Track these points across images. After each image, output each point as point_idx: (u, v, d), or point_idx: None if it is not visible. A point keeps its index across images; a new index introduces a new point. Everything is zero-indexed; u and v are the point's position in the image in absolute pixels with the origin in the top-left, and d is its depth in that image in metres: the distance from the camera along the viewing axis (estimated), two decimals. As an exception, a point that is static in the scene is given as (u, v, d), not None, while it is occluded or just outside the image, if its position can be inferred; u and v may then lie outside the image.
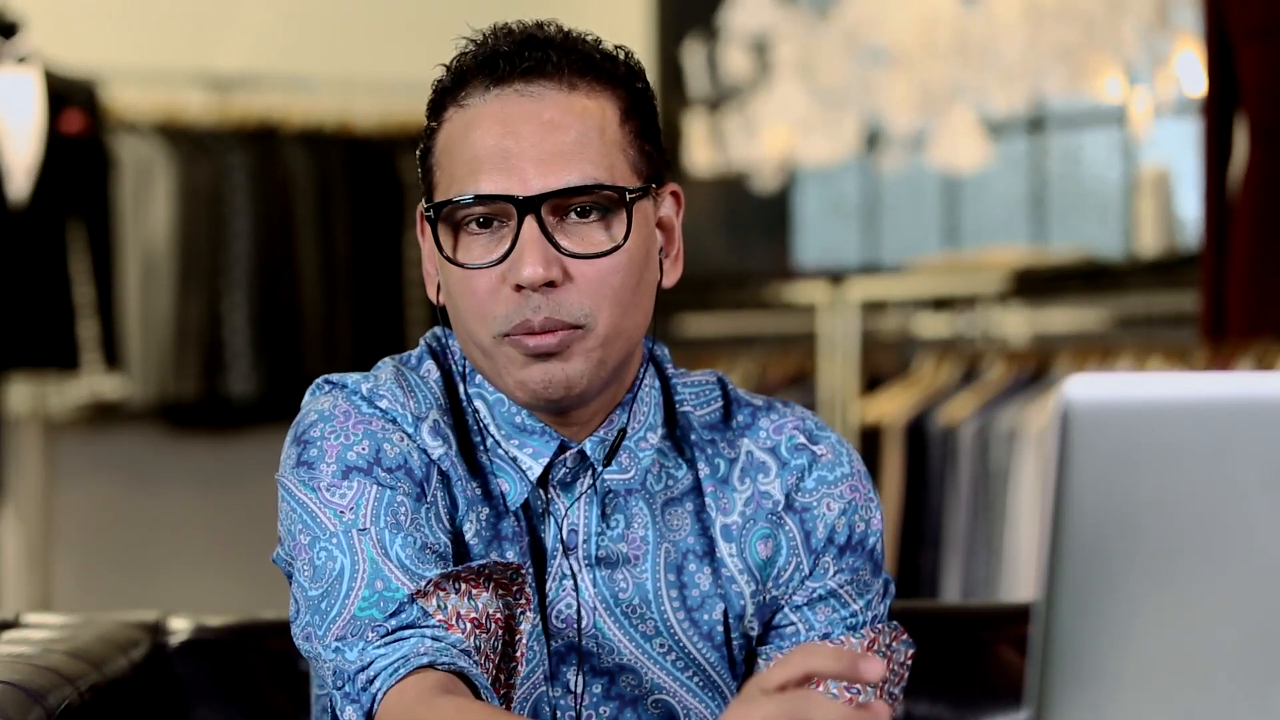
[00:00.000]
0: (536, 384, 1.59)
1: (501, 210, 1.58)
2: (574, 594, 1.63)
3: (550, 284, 1.57)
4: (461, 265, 1.59)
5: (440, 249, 1.60)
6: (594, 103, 1.59)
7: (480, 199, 1.58)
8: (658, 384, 1.70)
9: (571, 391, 1.60)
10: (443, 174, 1.61)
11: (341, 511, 1.57)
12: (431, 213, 1.61)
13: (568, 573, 1.64)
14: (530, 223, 1.57)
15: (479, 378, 1.66)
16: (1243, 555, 1.07)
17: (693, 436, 1.70)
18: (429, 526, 1.58)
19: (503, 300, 1.58)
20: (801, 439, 1.70)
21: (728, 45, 5.64)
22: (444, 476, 1.62)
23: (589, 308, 1.58)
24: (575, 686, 1.64)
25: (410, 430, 1.62)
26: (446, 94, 1.62)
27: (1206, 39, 4.14)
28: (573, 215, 1.58)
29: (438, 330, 1.71)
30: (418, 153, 1.66)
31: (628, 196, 1.59)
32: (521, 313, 1.57)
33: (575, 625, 1.63)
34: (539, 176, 1.57)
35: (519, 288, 1.57)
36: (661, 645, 1.65)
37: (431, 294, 1.68)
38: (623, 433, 1.64)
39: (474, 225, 1.59)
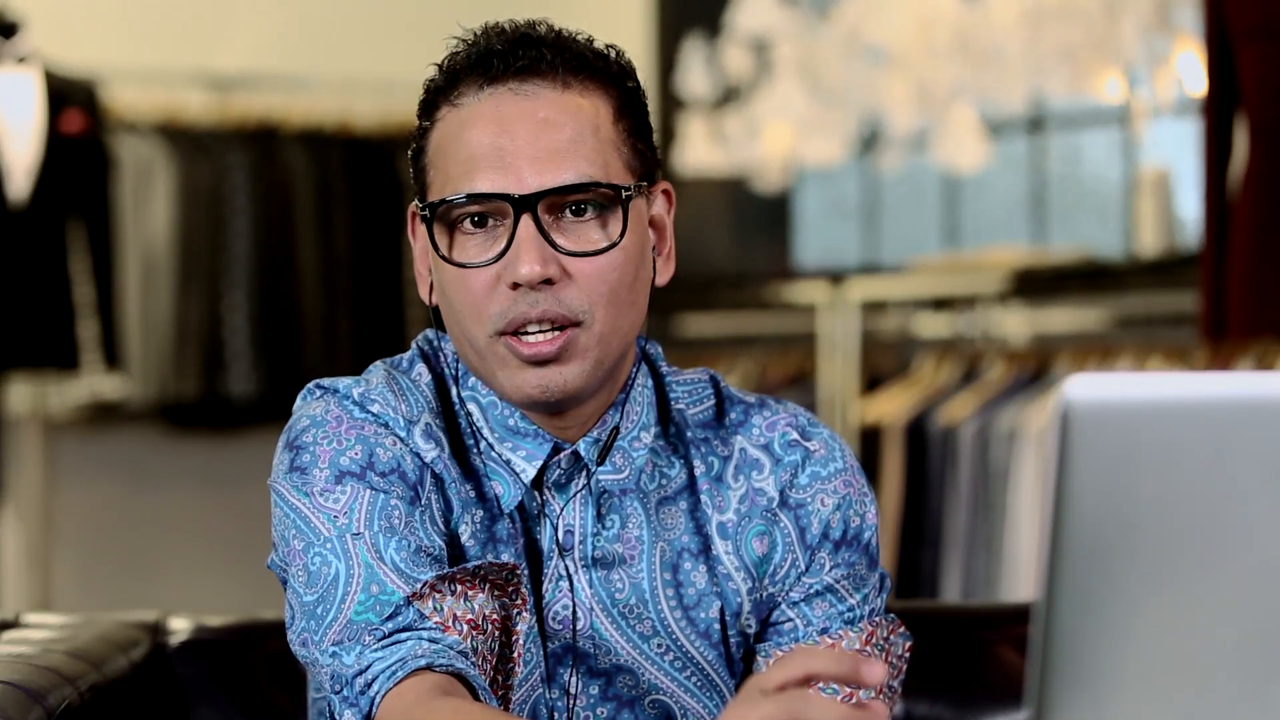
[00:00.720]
0: (533, 389, 1.59)
1: (497, 209, 1.58)
2: (570, 595, 1.63)
3: (548, 282, 1.57)
4: (457, 264, 1.59)
5: (436, 248, 1.60)
6: (588, 101, 1.59)
7: (476, 197, 1.58)
8: (650, 383, 1.70)
9: (569, 394, 1.60)
10: (437, 173, 1.61)
11: (335, 516, 1.57)
12: (427, 212, 1.61)
13: (564, 574, 1.63)
14: (527, 221, 1.56)
15: (472, 380, 1.65)
16: (1243, 555, 1.07)
17: (687, 435, 1.70)
18: (423, 530, 1.58)
19: (499, 298, 1.58)
20: (795, 435, 1.70)
21: (728, 45, 5.64)
22: (437, 479, 1.62)
23: (587, 304, 1.58)
24: (572, 688, 1.64)
25: (402, 434, 1.61)
26: (439, 93, 1.62)
27: (1206, 39, 4.14)
28: (568, 214, 1.58)
29: (429, 333, 1.71)
30: (410, 152, 1.65)
31: (624, 195, 1.59)
32: (518, 308, 1.57)
33: (572, 626, 1.63)
34: (535, 175, 1.57)
35: (516, 286, 1.57)
36: (659, 645, 1.65)
37: (424, 294, 1.68)
38: (615, 432, 1.64)
39: (469, 224, 1.59)
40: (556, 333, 1.58)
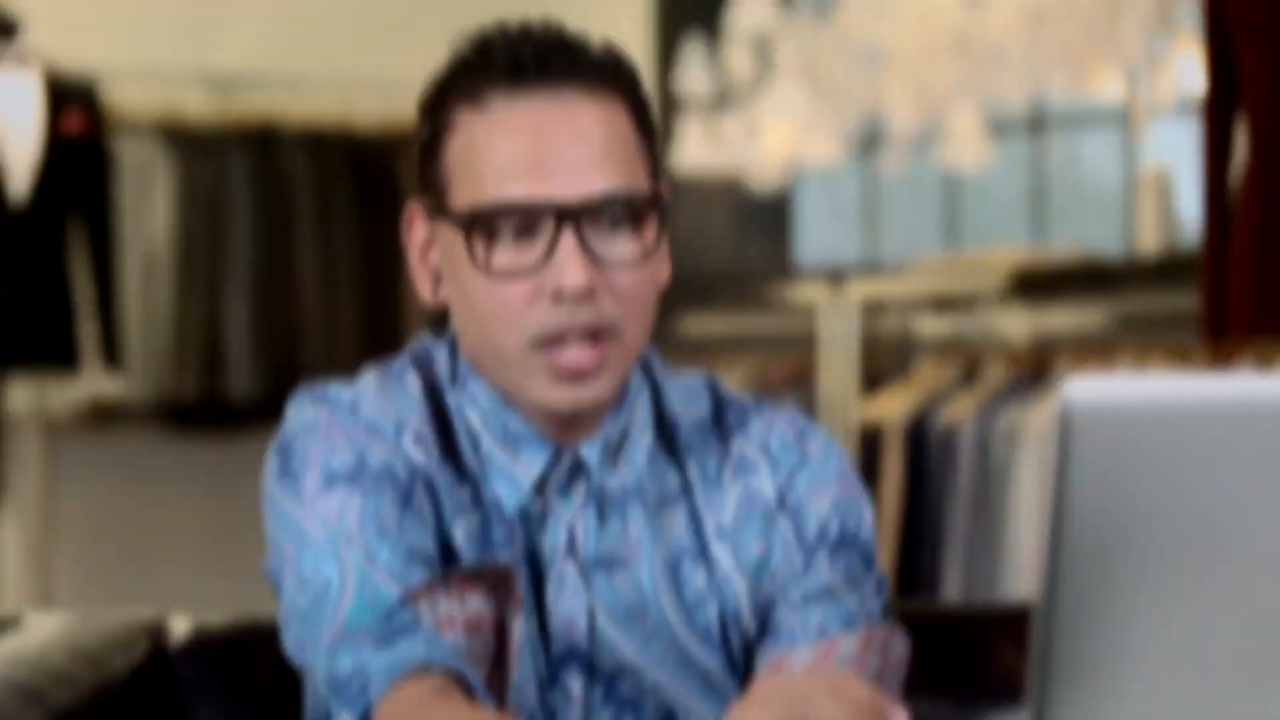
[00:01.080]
0: (564, 402, 1.58)
1: (536, 217, 1.57)
2: (574, 598, 1.63)
3: (590, 292, 1.56)
4: (495, 272, 1.58)
5: (471, 256, 1.58)
6: (614, 108, 1.59)
7: (517, 207, 1.56)
8: (646, 385, 1.70)
9: (597, 406, 1.60)
10: (463, 179, 1.59)
11: (327, 520, 1.57)
12: (467, 219, 1.58)
13: (567, 577, 1.63)
14: (570, 231, 1.56)
15: (471, 385, 1.65)
16: (1243, 555, 1.07)
17: (681, 438, 1.69)
18: (415, 533, 1.57)
19: (539, 309, 1.56)
20: (792, 438, 1.70)
21: (728, 45, 5.64)
22: (429, 484, 1.62)
23: (620, 315, 1.58)
24: (575, 691, 1.64)
25: (392, 439, 1.61)
26: (459, 94, 1.60)
27: (1206, 39, 4.14)
28: (606, 222, 1.58)
29: (425, 339, 1.70)
30: (417, 150, 1.63)
31: (661, 204, 1.59)
32: (559, 318, 1.56)
33: (576, 629, 1.63)
34: (575, 184, 1.55)
35: (558, 296, 1.56)
36: (661, 646, 1.65)
37: (425, 294, 1.67)
38: (626, 435, 1.64)
39: (509, 233, 1.57)
40: (594, 344, 1.57)
